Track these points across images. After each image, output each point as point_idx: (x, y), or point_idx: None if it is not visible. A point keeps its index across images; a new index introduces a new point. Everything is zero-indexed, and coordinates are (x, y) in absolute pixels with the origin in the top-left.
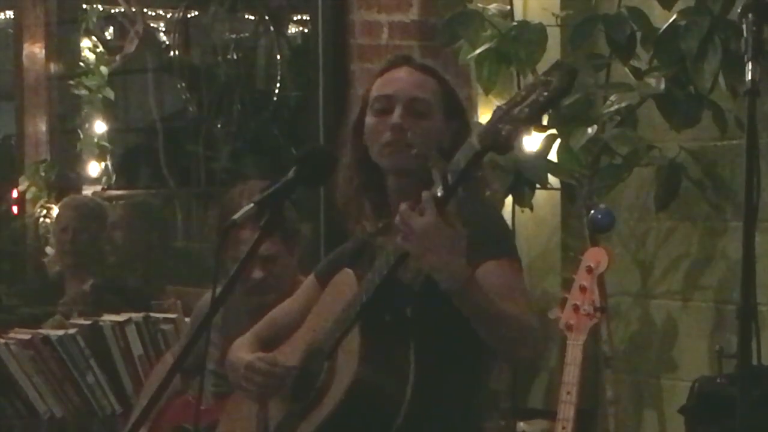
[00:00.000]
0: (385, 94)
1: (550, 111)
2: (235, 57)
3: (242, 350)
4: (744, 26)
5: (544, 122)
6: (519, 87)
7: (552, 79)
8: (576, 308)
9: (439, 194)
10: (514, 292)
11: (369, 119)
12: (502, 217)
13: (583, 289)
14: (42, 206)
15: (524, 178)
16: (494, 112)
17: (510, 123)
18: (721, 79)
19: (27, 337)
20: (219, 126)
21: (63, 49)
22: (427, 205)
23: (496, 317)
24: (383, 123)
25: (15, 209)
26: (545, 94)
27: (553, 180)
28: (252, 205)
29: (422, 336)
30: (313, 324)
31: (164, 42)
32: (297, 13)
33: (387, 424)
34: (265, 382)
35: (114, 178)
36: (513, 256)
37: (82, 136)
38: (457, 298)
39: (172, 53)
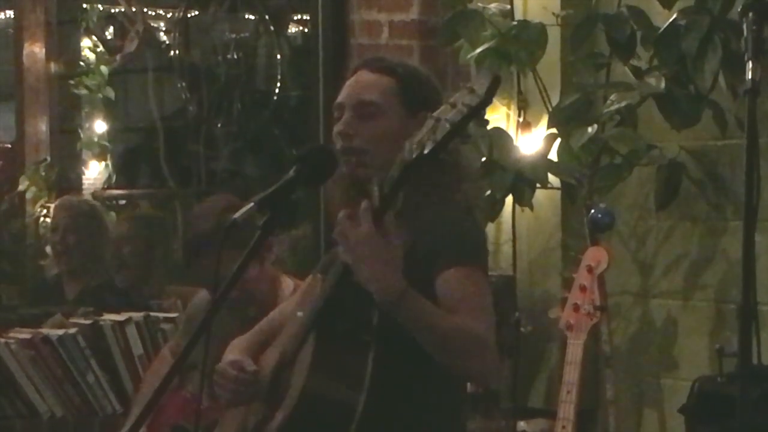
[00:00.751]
0: (338, 102)
1: (553, 111)
2: (235, 57)
3: (231, 353)
4: (744, 25)
5: (545, 122)
6: (519, 87)
7: (476, 87)
8: (576, 307)
9: (375, 205)
10: (470, 303)
11: (334, 130)
12: (471, 224)
13: (583, 288)
14: (42, 206)
15: (524, 177)
16: (426, 121)
17: (435, 134)
18: (721, 79)
19: (27, 336)
20: (219, 126)
21: (63, 48)
22: (364, 216)
23: (437, 331)
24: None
25: None
26: (468, 104)
27: (553, 179)
28: (252, 204)
29: (385, 344)
30: (285, 332)
31: (164, 42)
32: (297, 13)
33: None
34: (234, 388)
35: (114, 177)
36: (475, 264)
37: (82, 135)
38: (391, 312)
39: (172, 53)
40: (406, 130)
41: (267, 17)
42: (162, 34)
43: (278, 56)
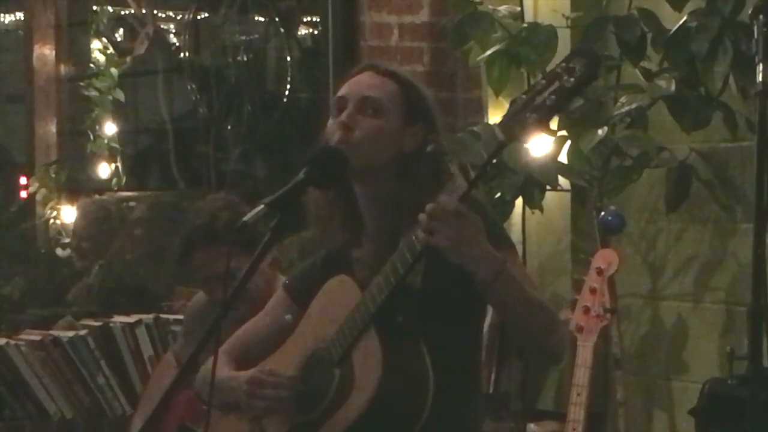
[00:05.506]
0: (340, 95)
1: (563, 113)
2: (245, 58)
3: (221, 369)
4: (755, 27)
5: (555, 124)
6: None
7: (575, 66)
8: (586, 310)
9: (463, 189)
10: (529, 280)
11: (329, 123)
12: (488, 206)
13: (593, 290)
14: (52, 208)
15: (534, 179)
16: (513, 102)
17: (536, 111)
18: (731, 81)
19: (37, 338)
20: (229, 127)
21: (73, 50)
22: (454, 199)
23: (530, 304)
24: (336, 123)
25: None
26: (571, 80)
27: (563, 182)
28: (262, 206)
29: (430, 335)
30: (305, 334)
31: (174, 43)
32: (307, 15)
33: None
34: (275, 395)
35: (124, 179)
36: (512, 245)
37: (92, 137)
38: (494, 288)
39: (182, 55)
40: (401, 137)
41: (277, 19)
42: (172, 35)
43: (288, 58)
